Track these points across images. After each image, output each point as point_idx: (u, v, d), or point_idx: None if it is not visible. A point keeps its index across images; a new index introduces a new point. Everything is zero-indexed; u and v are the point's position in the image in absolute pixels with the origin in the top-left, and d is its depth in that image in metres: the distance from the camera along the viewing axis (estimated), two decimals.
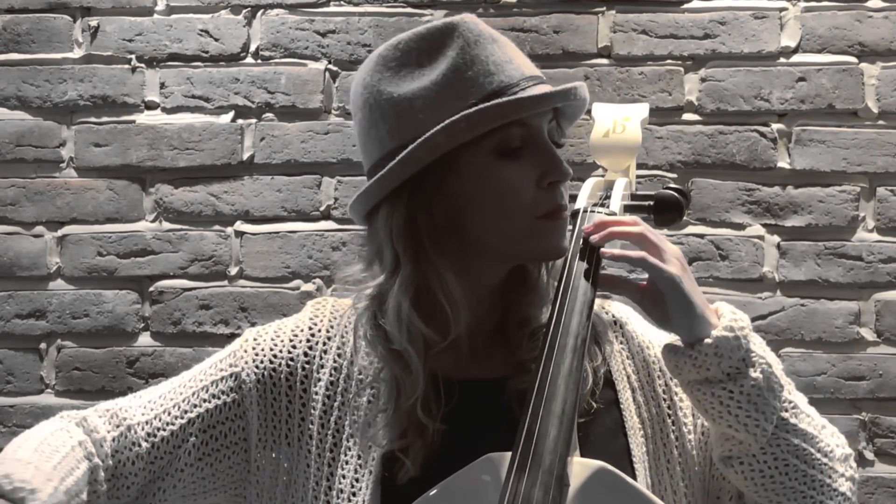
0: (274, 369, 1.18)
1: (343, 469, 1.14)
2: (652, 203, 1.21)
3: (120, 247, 2.09)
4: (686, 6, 2.05)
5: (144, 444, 1.15)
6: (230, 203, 2.08)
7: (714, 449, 1.16)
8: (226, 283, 2.08)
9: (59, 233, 2.09)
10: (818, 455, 1.12)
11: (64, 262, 2.09)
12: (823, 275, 2.00)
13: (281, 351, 1.19)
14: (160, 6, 2.11)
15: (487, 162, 1.11)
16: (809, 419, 1.13)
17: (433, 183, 1.13)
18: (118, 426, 1.15)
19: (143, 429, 1.15)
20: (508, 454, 1.02)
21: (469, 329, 1.16)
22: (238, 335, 2.06)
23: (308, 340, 1.20)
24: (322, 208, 2.07)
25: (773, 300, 2.01)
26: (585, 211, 1.17)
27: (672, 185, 1.23)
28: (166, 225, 2.09)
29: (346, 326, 1.21)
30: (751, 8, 2.03)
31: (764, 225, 2.01)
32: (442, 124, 1.08)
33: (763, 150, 2.02)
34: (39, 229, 2.10)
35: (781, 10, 2.03)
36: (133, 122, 2.10)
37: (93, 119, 2.10)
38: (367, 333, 1.17)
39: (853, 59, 2.01)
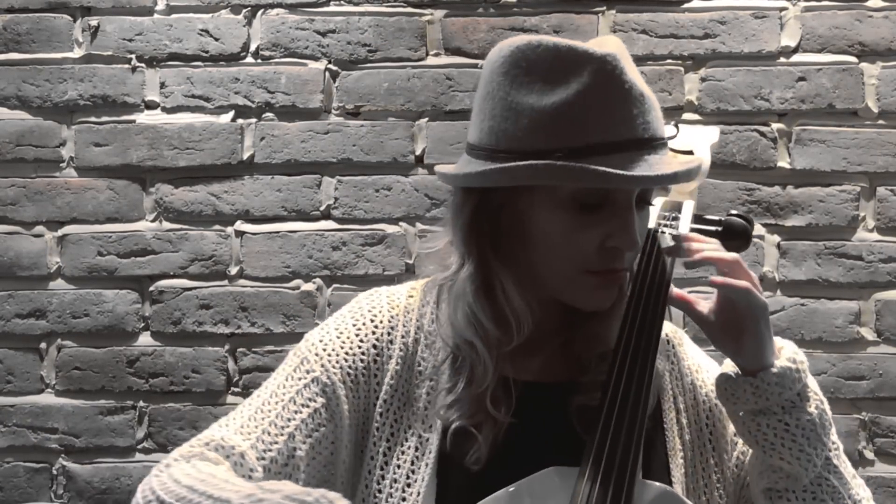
0: (350, 366, 1.18)
1: (399, 459, 1.15)
2: (720, 229, 1.22)
3: (120, 246, 2.09)
4: (686, 6, 2.05)
5: (259, 469, 1.11)
6: (230, 203, 2.08)
7: (756, 481, 1.17)
8: (226, 282, 2.08)
9: (60, 233, 2.10)
10: (849, 502, 1.14)
11: (64, 262, 2.09)
12: (823, 274, 2.00)
13: (351, 347, 1.19)
14: (160, 6, 2.11)
15: (563, 204, 1.10)
16: (846, 465, 1.16)
17: (507, 196, 1.12)
18: (229, 456, 1.11)
19: (253, 454, 1.12)
20: (572, 469, 1.04)
21: (533, 333, 1.16)
22: (238, 335, 2.08)
23: (373, 333, 1.20)
24: (322, 208, 2.07)
25: (774, 300, 2.01)
26: (656, 231, 1.19)
27: (736, 212, 1.23)
28: (166, 225, 2.09)
29: (407, 316, 1.21)
30: (751, 8, 2.03)
31: (764, 225, 2.02)
32: (527, 163, 1.06)
33: (763, 150, 2.02)
34: (39, 229, 2.10)
35: (781, 9, 2.03)
36: (133, 121, 2.10)
37: (93, 119, 2.10)
38: (438, 319, 1.18)
39: (853, 59, 2.01)
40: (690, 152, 1.20)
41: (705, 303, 1.16)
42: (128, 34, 2.10)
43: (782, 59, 2.03)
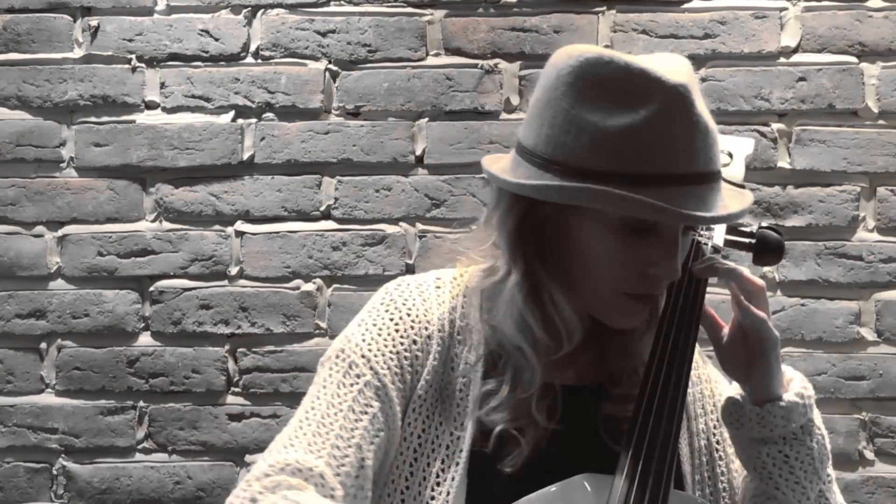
0: (397, 364, 1.15)
1: (429, 457, 1.13)
2: (753, 241, 1.22)
3: (120, 247, 2.09)
4: (686, 6, 2.05)
5: (339, 487, 1.08)
6: (230, 203, 2.08)
7: (748, 502, 1.18)
8: (226, 282, 2.08)
9: (60, 233, 2.09)
10: None
11: (64, 262, 2.09)
12: (823, 275, 2.00)
13: (394, 345, 1.16)
14: (160, 6, 2.11)
15: (611, 226, 1.09)
16: (836, 497, 1.18)
17: (556, 208, 1.11)
18: (308, 478, 1.06)
19: (329, 472, 1.08)
20: (605, 476, 1.05)
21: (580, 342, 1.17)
22: (238, 335, 2.08)
23: (411, 328, 1.17)
24: (322, 208, 2.07)
25: (774, 300, 2.01)
26: (698, 243, 1.19)
27: (767, 224, 1.23)
28: (166, 225, 2.09)
29: (440, 309, 1.19)
30: (751, 8, 2.03)
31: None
32: (585, 186, 1.04)
33: (763, 150, 2.02)
34: (39, 229, 2.10)
35: (781, 9, 2.03)
36: (133, 121, 2.10)
37: (93, 119, 2.10)
38: (481, 320, 1.17)
39: (853, 59, 2.01)
40: (742, 186, 1.19)
41: (725, 328, 1.17)
42: (128, 34, 2.10)
43: (782, 60, 2.03)
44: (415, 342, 1.16)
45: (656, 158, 1.03)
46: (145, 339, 2.08)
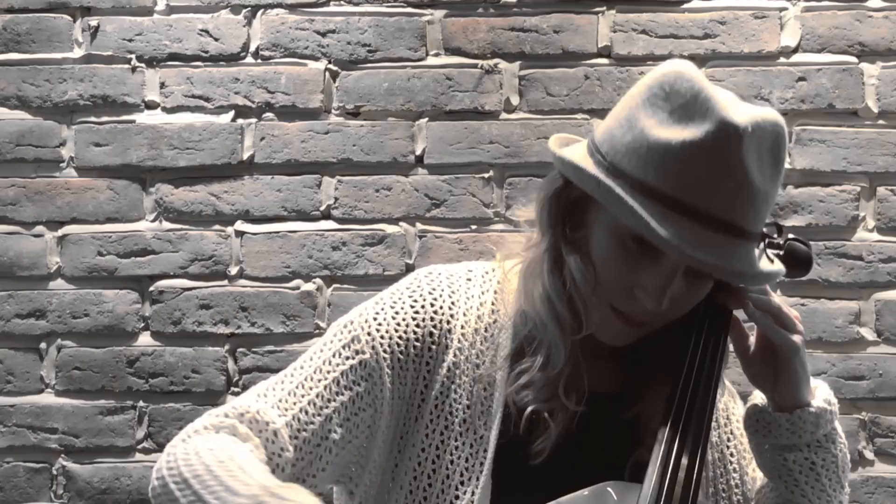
0: (402, 351, 1.13)
1: (452, 455, 1.11)
2: (782, 253, 1.20)
3: (120, 246, 2.09)
4: (686, 6, 2.05)
5: (291, 448, 1.06)
6: (230, 203, 2.08)
7: None
8: (226, 282, 2.08)
9: (59, 233, 2.09)
10: None
11: (64, 262, 2.09)
12: (823, 275, 2.00)
13: (406, 331, 1.13)
14: (160, 6, 2.11)
15: (616, 231, 1.07)
16: None
17: (584, 195, 1.10)
18: (262, 431, 1.06)
19: (286, 432, 1.06)
20: (627, 484, 1.05)
21: (592, 346, 1.15)
22: (238, 335, 2.08)
23: (432, 319, 1.14)
24: (322, 208, 2.07)
25: None
26: None
27: (793, 235, 1.22)
28: (166, 225, 2.09)
29: (468, 303, 1.17)
30: (751, 8, 2.03)
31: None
32: (595, 173, 1.04)
33: None
34: (39, 229, 2.10)
35: (781, 10, 2.03)
36: (133, 121, 2.10)
37: (93, 119, 2.10)
38: (520, 307, 1.15)
39: (853, 59, 2.01)
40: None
41: (751, 337, 1.17)
42: (128, 34, 2.10)
43: (782, 59, 2.03)
44: (431, 333, 1.14)
45: (680, 183, 1.00)
46: (145, 339, 2.08)
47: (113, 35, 2.10)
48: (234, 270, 2.08)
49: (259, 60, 2.09)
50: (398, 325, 1.13)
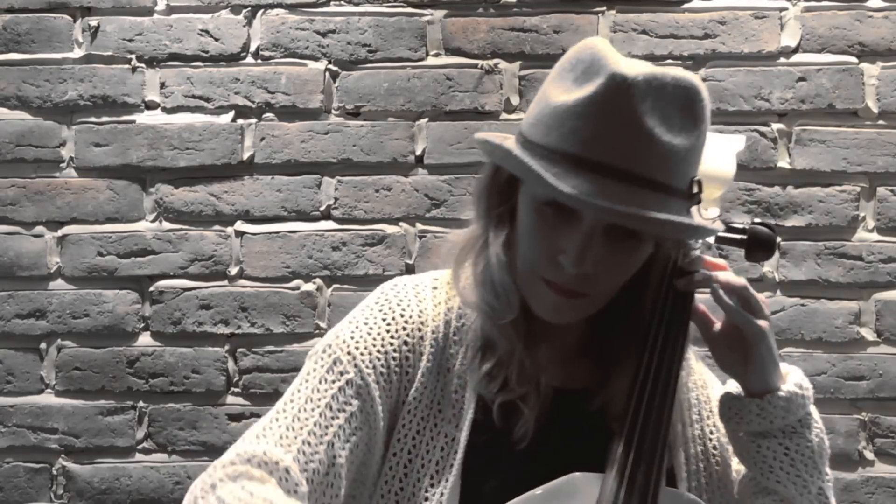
0: (383, 364, 1.14)
1: (423, 458, 1.13)
2: (745, 237, 1.20)
3: (120, 247, 2.09)
4: (686, 6, 2.05)
5: (304, 483, 1.07)
6: (230, 203, 2.08)
7: (750, 500, 1.18)
8: (226, 282, 2.08)
9: (59, 233, 2.10)
10: None
11: (64, 262, 2.09)
12: (823, 275, 2.00)
13: (383, 345, 1.15)
14: (160, 6, 2.11)
15: (534, 200, 1.08)
16: (833, 501, 1.17)
17: (509, 174, 1.12)
18: (273, 472, 1.05)
19: (296, 467, 1.07)
20: (597, 475, 1.04)
21: (556, 340, 1.17)
22: (238, 335, 2.08)
23: (404, 329, 1.16)
24: (322, 208, 2.07)
25: (773, 300, 2.01)
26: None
27: (760, 220, 1.22)
28: (166, 225, 2.09)
29: (435, 310, 1.19)
30: (751, 8, 2.03)
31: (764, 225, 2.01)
32: (516, 153, 1.05)
33: (763, 150, 2.02)
34: (39, 229, 2.10)
35: (781, 10, 2.03)
36: (133, 122, 2.10)
37: (93, 119, 2.10)
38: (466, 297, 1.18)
39: (853, 59, 2.01)
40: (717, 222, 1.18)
41: (717, 323, 1.17)
42: (128, 34, 2.10)
43: (782, 60, 2.03)
44: (406, 343, 1.16)
45: (579, 140, 1.02)
46: (145, 339, 2.08)
47: (113, 35, 2.10)
48: (234, 270, 2.08)
49: (259, 60, 2.09)
50: (374, 340, 1.15)
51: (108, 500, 2.06)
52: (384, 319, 1.17)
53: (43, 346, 2.09)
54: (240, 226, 2.08)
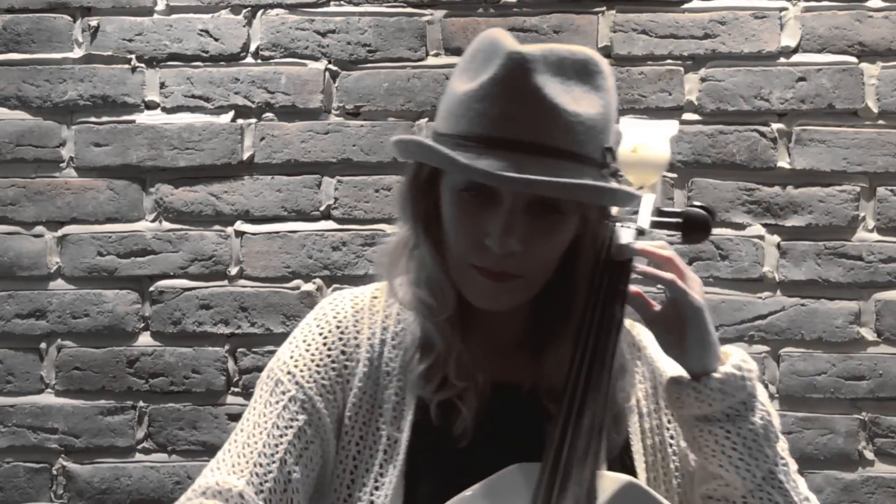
0: (323, 377, 1.17)
1: (367, 463, 1.14)
2: (681, 220, 1.20)
3: (120, 247, 2.09)
4: (686, 6, 2.05)
5: (261, 503, 1.10)
6: (230, 203, 2.08)
7: (697, 486, 1.17)
8: (226, 282, 2.08)
9: (59, 233, 2.09)
10: None
11: (64, 262, 2.09)
12: (823, 275, 2.00)
13: (321, 358, 1.18)
14: (160, 6, 2.11)
15: (456, 188, 1.10)
16: (795, 484, 1.14)
17: (429, 171, 1.14)
18: (228, 500, 1.09)
19: (250, 490, 1.09)
20: (536, 465, 1.03)
21: (494, 334, 1.17)
22: (238, 335, 2.08)
23: (340, 339, 1.19)
24: (322, 208, 2.07)
25: (773, 300, 2.01)
26: (614, 224, 1.17)
27: (698, 203, 1.23)
28: (166, 225, 2.09)
29: (373, 318, 1.21)
30: (751, 8, 2.03)
31: (764, 225, 2.01)
32: (427, 143, 1.08)
33: (763, 150, 2.02)
34: (39, 229, 2.10)
35: (781, 10, 2.03)
36: (133, 122, 2.10)
37: (93, 119, 2.10)
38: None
39: (853, 59, 2.01)
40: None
41: (656, 306, 1.15)
42: (128, 34, 2.10)
43: (782, 60, 2.03)
44: (343, 352, 1.18)
45: (485, 122, 1.04)
46: (145, 339, 2.08)
47: (113, 35, 2.10)
48: (234, 270, 2.08)
49: (259, 60, 2.09)
50: (312, 355, 1.18)
51: (108, 500, 2.06)
52: (321, 334, 1.19)
53: (43, 346, 2.09)
54: (240, 226, 2.08)
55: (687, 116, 2.03)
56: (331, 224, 2.07)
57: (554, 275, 1.14)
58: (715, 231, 2.00)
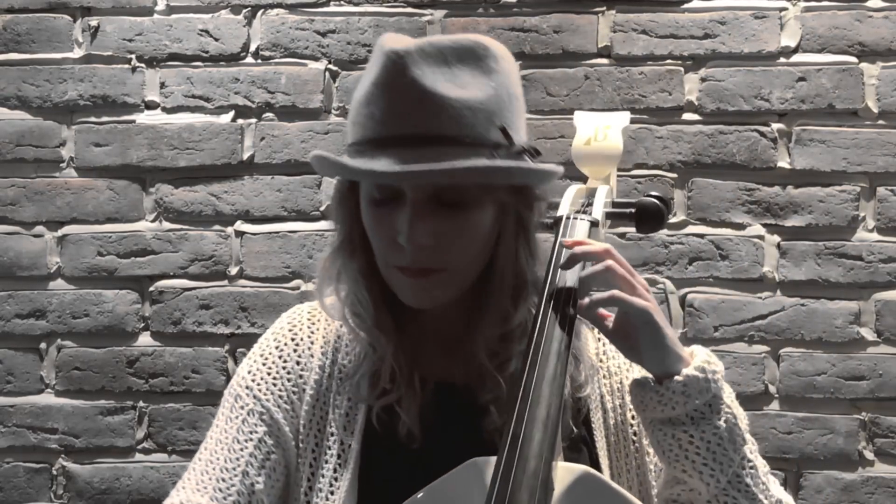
0: (280, 388, 1.19)
1: (323, 468, 1.16)
2: (633, 210, 1.21)
3: (120, 247, 2.09)
4: (686, 6, 2.05)
5: None
6: (230, 203, 2.08)
7: (662, 490, 1.16)
8: (226, 282, 2.08)
9: (59, 233, 2.10)
10: None
11: (64, 262, 2.09)
12: (823, 275, 2.00)
13: (278, 370, 1.21)
14: (160, 6, 2.11)
15: (367, 196, 1.13)
16: (765, 487, 1.11)
17: (350, 183, 1.17)
18: None
19: None
20: (493, 458, 1.02)
21: (435, 334, 1.18)
22: (238, 335, 2.08)
23: (294, 350, 1.22)
24: (322, 208, 2.07)
25: (773, 300, 2.01)
26: (568, 218, 1.17)
27: (654, 193, 1.23)
28: (166, 225, 2.09)
29: (328, 326, 1.23)
30: (751, 8, 2.03)
31: (764, 225, 2.01)
32: (322, 154, 1.10)
33: (763, 150, 2.02)
34: (39, 229, 2.10)
35: (781, 10, 2.03)
36: (133, 121, 2.10)
37: (93, 119, 2.10)
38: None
39: (853, 59, 2.01)
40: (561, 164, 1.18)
41: (610, 316, 1.11)
42: (128, 34, 2.10)
43: (782, 60, 2.03)
44: (298, 363, 1.21)
45: (375, 124, 1.07)
46: (145, 339, 2.08)
47: (113, 35, 2.10)
48: (234, 270, 2.08)
49: (259, 60, 2.09)
50: (269, 368, 1.21)
51: (107, 500, 2.06)
52: (276, 346, 1.23)
53: (43, 346, 2.09)
54: (240, 226, 2.08)
55: (687, 116, 2.03)
56: (331, 224, 2.07)
57: (487, 270, 1.15)
58: (715, 231, 2.01)
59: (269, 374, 1.20)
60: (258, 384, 1.19)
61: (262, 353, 1.23)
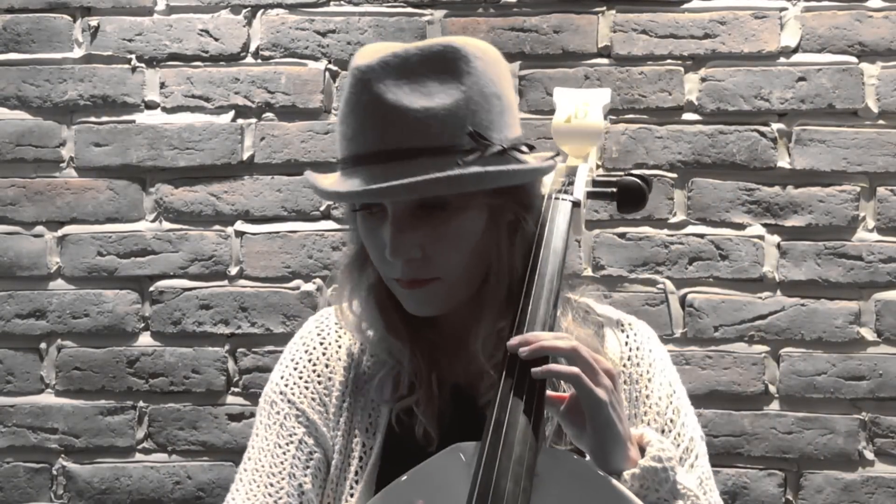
0: (313, 391, 1.22)
1: (346, 471, 1.18)
2: (615, 190, 1.20)
3: (120, 247, 2.09)
4: (686, 6, 2.05)
5: None
6: (230, 203, 2.08)
7: None
8: (226, 283, 2.08)
9: (59, 233, 2.09)
10: None
11: (64, 262, 2.09)
12: (823, 275, 2.00)
13: (309, 375, 1.23)
14: (160, 6, 2.11)
15: (357, 212, 1.15)
16: None
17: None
18: None
19: None
20: (476, 444, 1.02)
21: (453, 340, 1.19)
22: (238, 335, 2.08)
23: (324, 354, 1.24)
24: (322, 208, 2.07)
25: (773, 300, 2.01)
26: (549, 197, 1.16)
27: (634, 172, 1.22)
28: (166, 225, 2.09)
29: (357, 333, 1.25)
30: (751, 8, 2.03)
31: (764, 225, 2.01)
32: (307, 175, 1.16)
33: (763, 150, 2.02)
34: (39, 229, 2.10)
35: (781, 10, 2.03)
36: (133, 121, 2.10)
37: (93, 119, 2.10)
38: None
39: (853, 59, 2.01)
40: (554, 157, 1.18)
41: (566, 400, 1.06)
42: (128, 34, 2.10)
43: (782, 59, 2.03)
44: (327, 366, 1.23)
45: (350, 144, 1.09)
46: (145, 339, 2.08)
47: (113, 35, 2.10)
48: (234, 270, 2.08)
49: (259, 60, 2.09)
50: (301, 373, 1.24)
51: (108, 500, 2.06)
52: (306, 352, 1.25)
53: (43, 346, 2.09)
54: (240, 226, 2.08)
55: (687, 116, 2.03)
56: (331, 224, 2.07)
57: (485, 273, 1.15)
58: (715, 231, 2.01)
59: (300, 377, 1.23)
60: (291, 389, 1.22)
61: (292, 357, 1.26)
